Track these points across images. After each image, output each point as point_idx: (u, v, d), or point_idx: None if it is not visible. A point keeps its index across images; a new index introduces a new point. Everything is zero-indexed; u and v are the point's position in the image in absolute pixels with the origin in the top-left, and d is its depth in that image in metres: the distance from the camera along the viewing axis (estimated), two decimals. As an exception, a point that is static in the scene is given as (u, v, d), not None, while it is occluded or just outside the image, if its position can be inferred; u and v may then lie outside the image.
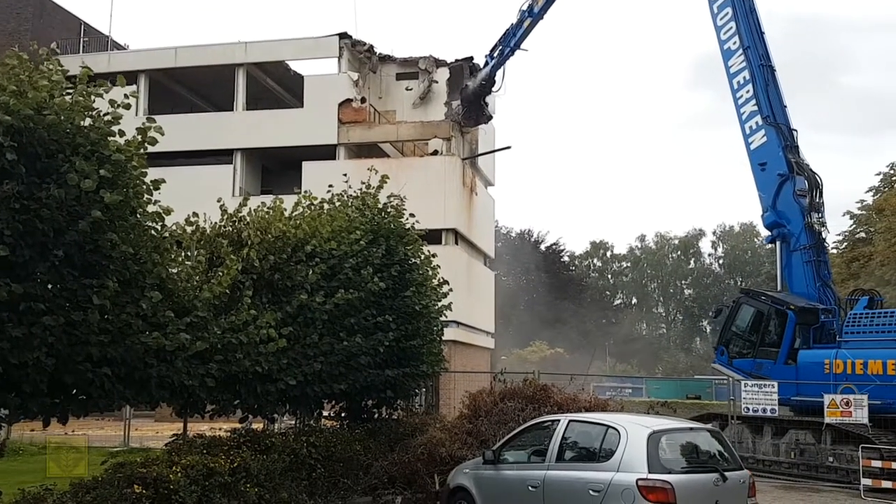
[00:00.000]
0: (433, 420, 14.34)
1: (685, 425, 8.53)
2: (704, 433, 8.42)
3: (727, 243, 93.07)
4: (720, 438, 8.41)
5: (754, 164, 20.12)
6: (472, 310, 30.18)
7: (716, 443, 8.30)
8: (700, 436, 8.36)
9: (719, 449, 8.25)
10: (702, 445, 8.26)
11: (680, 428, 8.29)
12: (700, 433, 8.40)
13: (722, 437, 8.49)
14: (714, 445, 8.27)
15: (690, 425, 8.63)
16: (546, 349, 58.18)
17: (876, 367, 15.54)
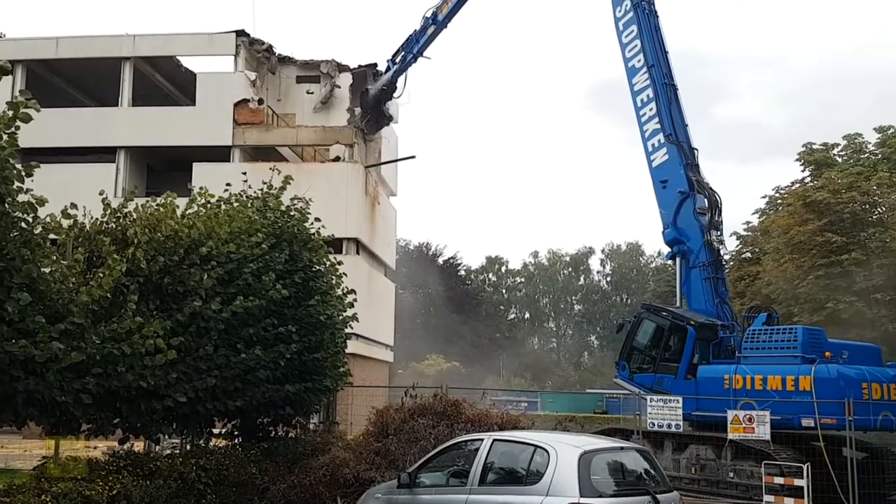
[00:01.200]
0: (335, 438, 13.44)
1: (615, 444, 8.08)
2: (634, 452, 8.00)
3: (615, 261, 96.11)
4: (649, 458, 8.00)
5: (656, 181, 20.33)
6: (372, 322, 29.32)
7: (645, 463, 7.89)
8: (630, 455, 7.93)
9: (649, 469, 7.84)
10: (632, 466, 7.83)
11: (610, 447, 7.83)
12: (629, 452, 7.97)
13: (651, 456, 8.10)
14: (644, 465, 7.86)
15: (620, 444, 8.19)
16: (443, 363, 57.80)
17: (775, 382, 15.78)
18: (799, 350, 15.86)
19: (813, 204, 26.34)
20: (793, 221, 27.24)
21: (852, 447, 14.20)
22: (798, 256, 26.50)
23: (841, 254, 25.19)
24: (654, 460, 7.98)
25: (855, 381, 15.01)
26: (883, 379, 15.47)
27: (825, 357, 15.42)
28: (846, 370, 15.22)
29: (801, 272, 26.48)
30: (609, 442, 8.17)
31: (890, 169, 25.71)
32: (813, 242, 25.76)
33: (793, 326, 16.75)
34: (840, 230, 25.83)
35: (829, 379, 15.01)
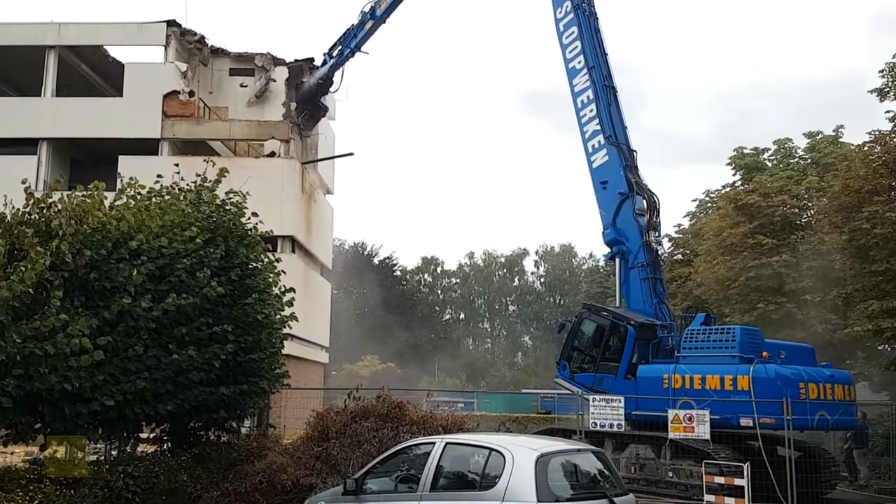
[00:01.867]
0: (271, 443, 12.88)
1: (571, 446, 7.85)
2: (589, 454, 7.78)
3: (548, 263, 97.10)
4: (604, 460, 7.80)
5: (596, 182, 20.43)
6: (307, 322, 28.60)
7: (601, 464, 7.68)
8: (585, 457, 7.71)
9: (604, 471, 7.65)
10: (588, 468, 7.62)
11: (567, 450, 7.59)
12: (585, 454, 7.75)
13: (606, 458, 7.90)
14: (599, 467, 7.66)
15: (577, 446, 7.97)
16: (377, 364, 57.19)
17: (714, 382, 15.94)
18: (737, 350, 16.06)
19: (744, 207, 26.90)
20: (724, 224, 27.78)
21: (790, 447, 14.41)
22: (730, 258, 27.01)
23: (771, 256, 25.77)
24: (609, 462, 7.79)
25: (792, 380, 15.27)
26: (819, 379, 15.79)
27: (763, 357, 15.65)
28: (784, 370, 15.47)
29: (732, 273, 26.99)
30: (565, 444, 7.93)
31: (819, 173, 26.45)
32: (744, 244, 26.30)
33: (731, 326, 16.97)
34: (770, 233, 26.45)
35: (767, 379, 15.23)
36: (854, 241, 18.34)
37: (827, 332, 25.15)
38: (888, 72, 18.04)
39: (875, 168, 18.00)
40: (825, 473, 16.38)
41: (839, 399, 16.00)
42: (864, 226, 17.24)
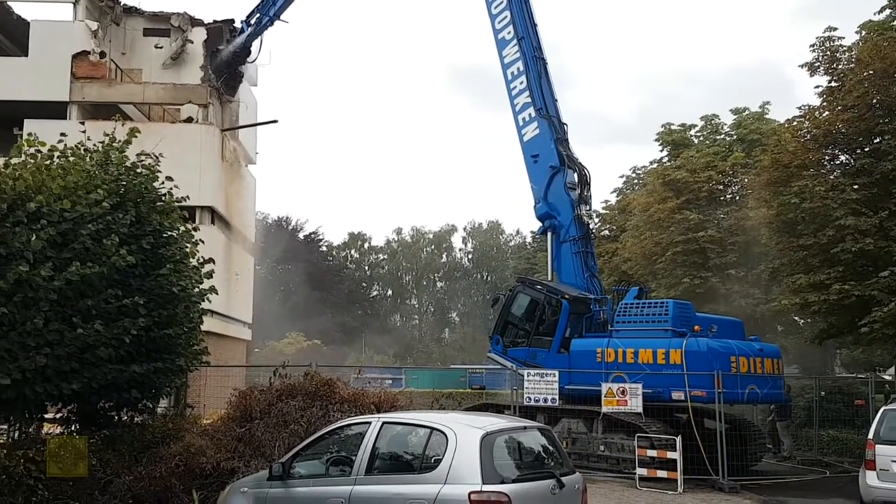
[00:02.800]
0: (189, 424, 12.03)
1: (517, 424, 7.37)
2: (535, 432, 7.33)
3: (476, 239, 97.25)
4: (551, 437, 7.37)
5: (527, 155, 20.09)
6: (229, 298, 27.49)
7: (547, 443, 7.25)
8: (531, 435, 7.25)
9: (552, 450, 7.21)
10: (534, 446, 7.16)
11: (512, 427, 7.10)
12: (531, 432, 7.29)
13: (553, 435, 7.47)
14: (546, 445, 7.22)
15: (522, 423, 7.49)
16: (303, 341, 56.01)
17: (646, 355, 15.84)
18: (669, 324, 15.99)
19: (672, 182, 27.07)
20: (652, 199, 27.92)
21: (721, 420, 14.43)
22: (657, 233, 27.19)
23: (697, 231, 26.05)
24: (555, 439, 7.36)
25: (723, 354, 15.30)
26: (749, 353, 15.89)
27: (695, 331, 15.61)
28: (715, 344, 15.48)
29: (659, 248, 27.20)
30: (509, 421, 7.44)
31: (745, 150, 26.81)
32: (671, 219, 26.48)
33: (664, 301, 16.90)
34: (697, 208, 26.72)
35: (699, 352, 15.20)
36: (782, 215, 18.53)
37: (749, 306, 25.64)
38: (818, 46, 18.19)
39: (804, 143, 18.18)
40: (752, 446, 16.58)
41: (768, 373, 16.17)
42: (792, 200, 17.39)
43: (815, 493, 14.08)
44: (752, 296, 25.88)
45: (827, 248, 16.99)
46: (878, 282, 15.95)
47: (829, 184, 17.34)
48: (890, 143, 16.55)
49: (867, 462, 10.81)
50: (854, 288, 16.17)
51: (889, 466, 10.47)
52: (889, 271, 15.66)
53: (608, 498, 12.89)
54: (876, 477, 10.60)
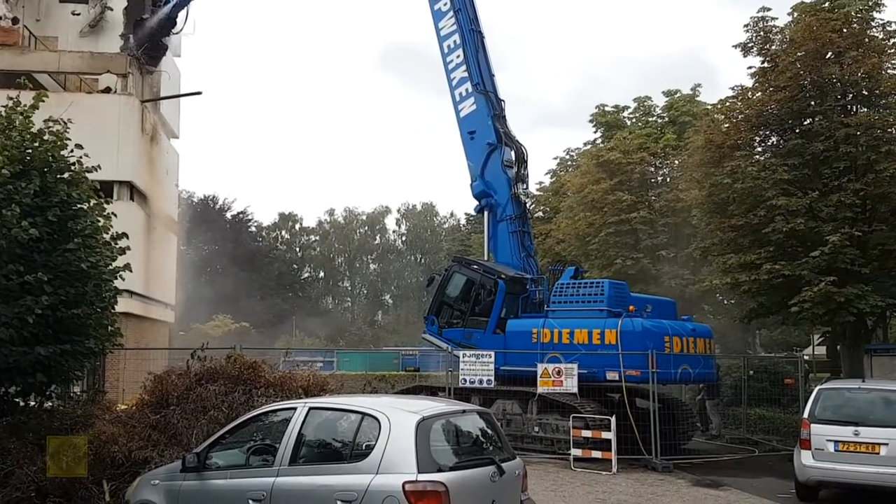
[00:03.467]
0: (101, 410, 11.21)
1: (455, 407, 6.90)
2: (474, 416, 6.89)
3: (410, 221, 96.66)
4: (490, 422, 6.95)
5: (464, 132, 19.69)
6: (149, 278, 26.27)
7: (487, 427, 6.83)
8: (470, 419, 6.80)
9: (491, 434, 6.80)
10: (473, 431, 6.72)
11: (450, 411, 6.63)
12: (470, 416, 6.84)
13: (492, 419, 7.06)
14: (486, 430, 6.80)
15: (461, 407, 7.03)
16: (230, 323, 54.55)
17: (582, 336, 15.68)
18: (605, 304, 15.86)
19: (605, 164, 27.10)
20: (586, 180, 27.93)
21: (655, 400, 14.37)
22: (591, 214, 27.24)
23: (630, 212, 26.18)
24: (495, 424, 6.95)
25: (658, 334, 15.24)
26: (683, 333, 15.89)
27: (630, 311, 15.52)
28: (650, 324, 15.42)
29: (592, 229, 27.26)
30: (446, 405, 6.97)
31: (676, 132, 27.03)
32: (605, 201, 26.54)
33: (599, 280, 16.76)
34: (629, 189, 26.84)
35: (634, 332, 15.11)
36: (713, 195, 18.60)
37: (678, 287, 25.93)
38: (752, 27, 18.24)
39: (737, 123, 18.25)
40: (683, 425, 16.67)
41: (700, 353, 16.23)
42: (724, 180, 17.44)
43: (746, 472, 14.18)
44: (681, 276, 26.19)
45: (758, 228, 17.12)
46: (808, 262, 16.14)
47: (760, 164, 17.45)
48: (821, 124, 16.73)
49: (802, 442, 10.80)
50: (784, 268, 16.32)
51: (824, 446, 10.49)
52: (819, 251, 15.85)
53: (543, 479, 12.65)
54: (811, 456, 10.59)
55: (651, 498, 11.32)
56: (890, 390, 10.70)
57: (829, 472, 10.44)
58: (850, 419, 10.54)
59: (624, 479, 12.87)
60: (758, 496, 11.59)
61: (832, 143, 16.62)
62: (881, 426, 10.25)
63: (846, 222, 16.32)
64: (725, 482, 12.84)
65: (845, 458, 10.31)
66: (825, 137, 16.66)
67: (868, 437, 10.20)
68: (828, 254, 15.85)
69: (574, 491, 11.71)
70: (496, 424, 6.94)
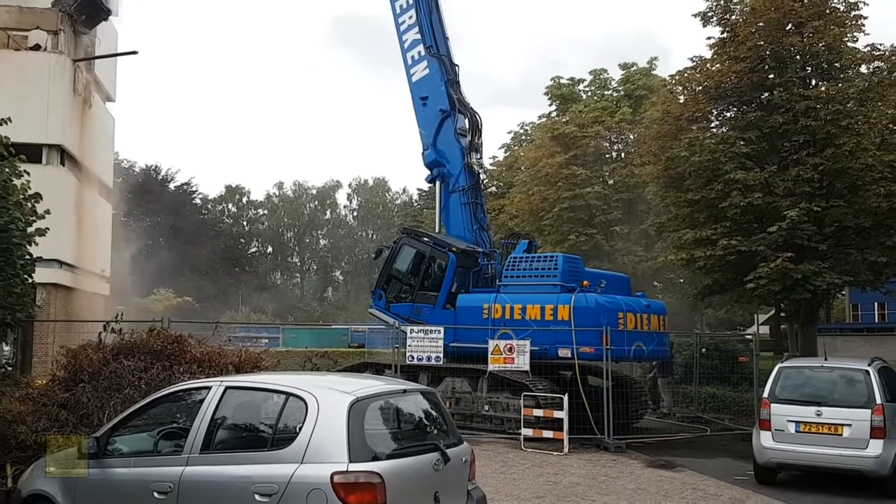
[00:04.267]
0: (9, 387, 10.18)
1: (394, 387, 6.10)
2: (417, 396, 6.11)
3: (361, 196, 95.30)
4: (435, 402, 6.19)
5: (416, 97, 18.83)
6: (82, 248, 24.85)
7: (431, 408, 6.07)
8: (413, 400, 6.02)
9: (436, 416, 6.05)
10: (416, 413, 5.96)
11: (389, 391, 5.83)
12: (412, 396, 6.06)
13: (437, 399, 6.29)
14: (430, 412, 6.05)
15: (402, 386, 6.21)
16: (172, 298, 52.78)
17: (534, 311, 15.07)
18: (559, 278, 15.26)
19: (560, 137, 26.55)
20: (540, 154, 27.37)
21: (608, 377, 13.86)
22: (544, 189, 26.70)
23: (584, 187, 25.70)
24: (440, 405, 6.19)
25: (612, 310, 14.72)
26: (637, 309, 15.39)
27: (584, 286, 14.94)
28: (604, 299, 14.88)
29: (546, 204, 26.74)
30: (385, 384, 6.17)
31: (632, 105, 26.58)
32: (559, 175, 26.03)
33: (553, 254, 16.12)
34: (584, 164, 26.35)
35: (587, 308, 14.56)
36: (670, 169, 18.14)
37: (631, 263, 25.64)
38: (712, -4, 17.73)
39: (695, 95, 17.77)
40: (634, 403, 16.26)
41: (654, 330, 15.77)
42: (682, 153, 16.96)
43: (700, 452, 13.80)
44: (634, 253, 25.91)
45: (714, 203, 16.72)
46: (765, 238, 15.79)
47: (718, 137, 17.02)
48: (781, 97, 16.32)
49: (762, 422, 10.32)
50: (741, 244, 15.96)
51: (785, 426, 10.03)
52: (776, 227, 15.50)
53: (492, 461, 12.05)
54: (771, 437, 10.12)
55: (604, 480, 10.78)
56: (853, 369, 10.26)
57: (790, 454, 9.98)
58: (812, 399, 10.10)
59: (576, 460, 12.35)
60: (714, 478, 11.15)
61: (791, 115, 16.24)
62: (844, 406, 9.83)
63: (804, 197, 16.00)
64: (680, 463, 12.41)
65: (807, 439, 9.87)
66: (785, 110, 16.27)
67: (831, 417, 9.78)
68: (785, 229, 15.51)
69: (524, 473, 11.12)
70: (442, 406, 6.18)
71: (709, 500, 9.70)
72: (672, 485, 10.60)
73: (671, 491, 10.18)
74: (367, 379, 6.38)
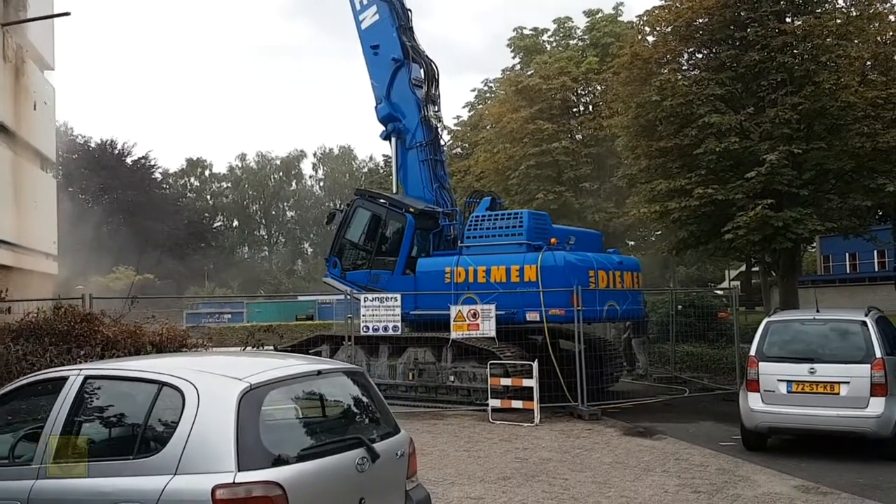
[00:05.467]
0: None
1: (307, 367, 4.64)
2: (338, 378, 4.92)
3: (327, 166, 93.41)
4: (364, 384, 5.00)
5: (366, 46, 17.47)
6: (21, 225, 23.22)
7: (360, 393, 4.89)
8: (332, 383, 4.82)
9: (365, 403, 4.87)
10: (334, 401, 4.80)
11: (298, 374, 4.56)
12: (333, 379, 4.84)
13: (367, 381, 5.07)
14: (358, 398, 4.86)
15: (317, 366, 4.70)
16: (132, 275, 51.01)
17: (499, 273, 13.97)
18: (524, 237, 14.15)
19: (525, 90, 25.31)
20: (505, 109, 26.10)
21: (580, 340, 12.83)
22: (510, 146, 25.50)
23: (551, 142, 24.53)
24: (371, 387, 4.98)
25: (582, 268, 13.66)
26: (609, 266, 14.33)
27: (551, 244, 13.84)
28: (573, 257, 13.80)
29: (512, 162, 25.56)
30: (296, 364, 4.89)
31: (599, 54, 25.32)
32: (525, 130, 24.81)
33: (518, 211, 14.97)
34: (550, 118, 25.14)
35: (556, 267, 13.49)
36: (640, 117, 17.05)
37: (602, 220, 24.64)
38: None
39: (664, 36, 16.61)
40: (609, 366, 15.32)
41: (628, 288, 14.74)
42: (653, 98, 15.84)
43: (679, 415, 12.90)
44: (605, 210, 24.89)
45: (688, 150, 15.68)
46: (742, 185, 14.81)
47: (691, 79, 15.91)
48: (756, 33, 15.20)
49: (749, 383, 9.33)
50: (717, 192, 14.97)
51: (775, 387, 9.06)
52: (755, 171, 14.50)
53: (457, 437, 11.02)
54: (760, 400, 9.15)
55: (578, 454, 9.79)
56: (849, 320, 9.29)
57: (782, 417, 9.02)
58: (804, 355, 9.12)
59: (547, 432, 11.35)
60: (698, 445, 10.21)
61: (767, 53, 15.16)
62: (840, 362, 8.85)
63: (783, 140, 14.98)
64: (659, 429, 11.47)
65: (800, 399, 8.91)
66: (760, 47, 15.18)
67: (826, 375, 8.82)
68: (764, 174, 14.52)
69: (491, 449, 10.08)
70: (372, 388, 4.99)
71: (694, 471, 8.74)
72: (652, 455, 9.63)
73: (652, 463, 9.20)
74: (273, 359, 5.14)
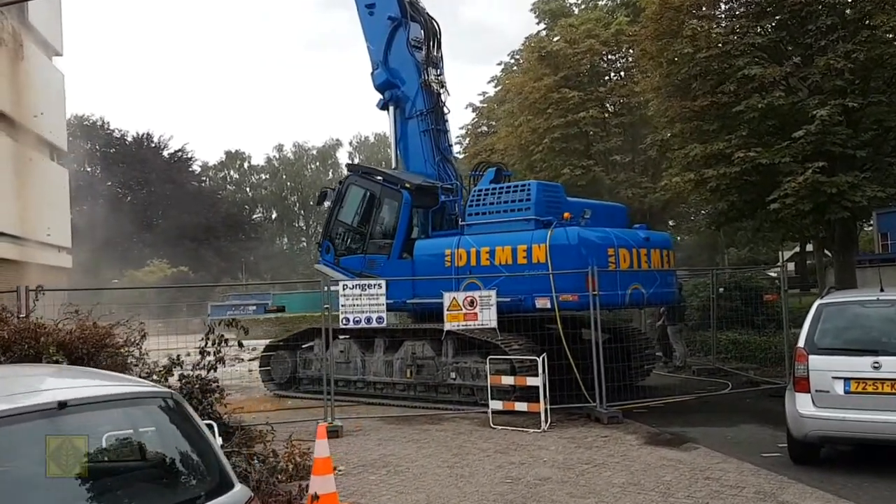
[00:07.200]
0: None
1: (37, 400, 2.86)
2: (149, 406, 3.01)
3: (363, 153, 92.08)
4: (182, 416, 3.14)
5: (360, 5, 15.82)
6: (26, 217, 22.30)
7: (173, 430, 3.09)
8: (87, 422, 2.94)
9: (170, 446, 3.07)
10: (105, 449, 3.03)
11: (21, 410, 2.75)
12: (90, 415, 2.98)
13: (184, 411, 3.16)
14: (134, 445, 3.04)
15: (60, 397, 2.86)
16: (167, 268, 50.57)
17: (504, 255, 12.17)
18: (532, 211, 12.29)
19: (549, 56, 23.24)
20: (527, 78, 24.06)
21: (597, 329, 10.94)
22: (533, 117, 23.44)
23: (578, 112, 22.42)
24: (192, 420, 3.14)
25: (599, 245, 11.76)
26: (633, 243, 12.36)
27: (564, 219, 11.95)
28: (588, 233, 11.90)
29: (535, 136, 23.51)
30: (32, 389, 3.00)
31: (630, 14, 23.06)
32: (549, 100, 22.74)
33: (525, 182, 13.06)
34: (577, 85, 23.04)
35: (568, 245, 11.62)
36: (672, 75, 15.02)
37: (637, 196, 22.51)
38: None
39: (697, -22, 14.49)
40: (637, 359, 13.42)
41: (656, 268, 12.76)
42: (685, 49, 13.77)
43: (718, 416, 10.98)
44: (638, 185, 22.72)
45: (727, 109, 13.62)
46: (790, 147, 12.68)
47: (727, 28, 13.78)
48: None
49: (797, 381, 7.39)
50: (761, 155, 12.87)
51: (829, 386, 7.12)
52: (804, 130, 12.37)
53: (445, 448, 9.30)
54: (810, 402, 7.21)
55: (584, 471, 7.98)
56: (925, 302, 7.29)
57: (838, 424, 7.07)
58: (867, 346, 7.16)
59: (555, 440, 9.55)
60: (734, 457, 8.30)
61: (815, -7, 12.99)
62: (915, 356, 6.89)
63: (835, 93, 12.80)
64: (690, 435, 9.58)
65: (861, 402, 6.96)
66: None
67: (894, 370, 6.85)
68: (814, 133, 12.39)
69: (479, 466, 8.33)
70: (195, 424, 3.17)
71: (726, 496, 6.87)
72: (677, 473, 7.77)
73: (674, 484, 7.35)
74: (42, 371, 3.32)
